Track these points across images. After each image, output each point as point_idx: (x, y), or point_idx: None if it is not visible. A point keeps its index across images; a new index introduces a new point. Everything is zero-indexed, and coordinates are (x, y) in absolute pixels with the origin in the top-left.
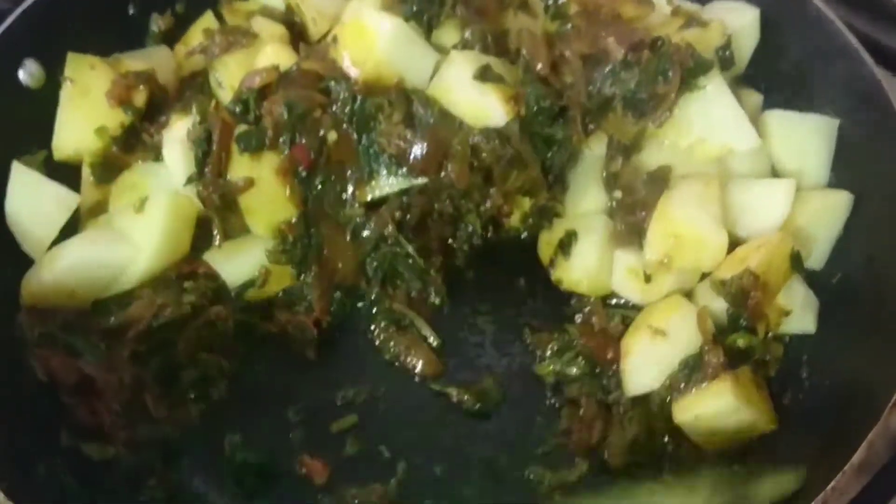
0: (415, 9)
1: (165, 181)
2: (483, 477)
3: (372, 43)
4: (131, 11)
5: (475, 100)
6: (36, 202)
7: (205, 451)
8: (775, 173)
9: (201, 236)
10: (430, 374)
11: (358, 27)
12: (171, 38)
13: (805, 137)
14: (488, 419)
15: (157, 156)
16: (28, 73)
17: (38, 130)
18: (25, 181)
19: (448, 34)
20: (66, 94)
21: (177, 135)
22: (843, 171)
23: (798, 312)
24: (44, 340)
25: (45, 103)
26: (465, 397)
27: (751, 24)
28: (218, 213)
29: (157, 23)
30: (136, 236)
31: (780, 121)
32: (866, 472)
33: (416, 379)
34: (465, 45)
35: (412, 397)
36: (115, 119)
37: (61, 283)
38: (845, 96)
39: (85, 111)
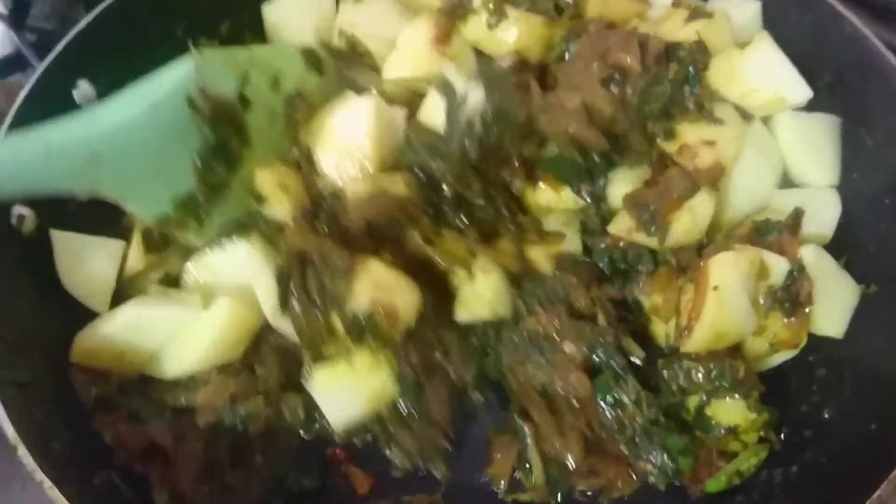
0: None
1: (234, 280)
2: None
3: None
4: (179, 33)
5: None
6: (86, 262)
7: None
8: (786, 172)
9: None
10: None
11: None
12: None
13: (815, 136)
14: None
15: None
16: (82, 94)
17: None
18: (69, 246)
19: None
20: None
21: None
22: (875, 181)
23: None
24: (101, 404)
25: None
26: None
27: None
28: (308, 343)
29: None
30: (191, 331)
31: (791, 121)
32: None
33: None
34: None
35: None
36: None
37: (112, 341)
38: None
39: None
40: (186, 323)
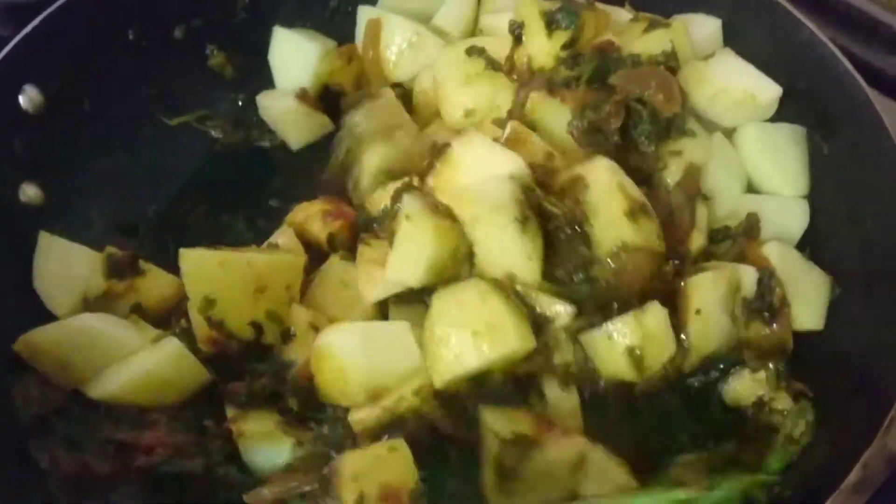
0: None
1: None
2: None
3: None
4: (131, 37)
5: None
6: (61, 266)
7: None
8: (753, 186)
9: None
10: None
11: None
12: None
13: (781, 147)
14: None
15: None
16: (28, 99)
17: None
18: (52, 247)
19: None
20: None
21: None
22: (832, 189)
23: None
24: (38, 424)
25: (43, 130)
26: None
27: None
28: None
29: (217, 57)
30: (131, 359)
31: (755, 132)
32: (862, 492)
33: None
34: None
35: None
36: None
37: (58, 346)
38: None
39: None
40: (130, 349)
